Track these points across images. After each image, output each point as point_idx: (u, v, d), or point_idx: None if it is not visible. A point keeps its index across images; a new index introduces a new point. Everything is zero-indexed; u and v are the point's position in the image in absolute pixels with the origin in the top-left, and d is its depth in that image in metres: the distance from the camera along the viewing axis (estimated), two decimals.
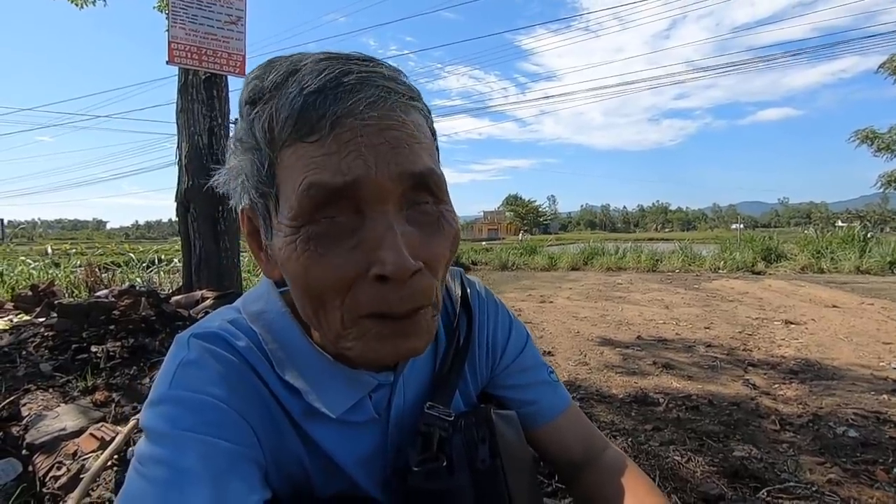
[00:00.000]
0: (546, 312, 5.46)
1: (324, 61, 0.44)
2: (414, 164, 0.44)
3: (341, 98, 0.42)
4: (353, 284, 0.43)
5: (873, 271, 9.22)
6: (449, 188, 0.49)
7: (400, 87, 0.45)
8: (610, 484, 0.62)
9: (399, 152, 0.43)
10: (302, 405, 0.52)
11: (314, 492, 0.55)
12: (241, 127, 0.47)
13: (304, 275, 0.44)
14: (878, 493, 1.63)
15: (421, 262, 0.44)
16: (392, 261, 0.41)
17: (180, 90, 3.79)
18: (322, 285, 0.44)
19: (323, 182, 0.41)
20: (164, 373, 0.48)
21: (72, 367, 2.46)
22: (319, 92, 0.42)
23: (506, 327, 0.70)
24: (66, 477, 1.57)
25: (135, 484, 0.42)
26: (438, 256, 0.47)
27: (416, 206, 0.46)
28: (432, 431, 0.55)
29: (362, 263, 0.43)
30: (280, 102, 0.43)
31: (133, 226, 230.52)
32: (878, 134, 16.39)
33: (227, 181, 0.50)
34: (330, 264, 0.43)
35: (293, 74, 0.43)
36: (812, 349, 3.66)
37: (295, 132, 0.42)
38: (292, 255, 0.44)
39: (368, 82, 0.43)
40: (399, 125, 0.44)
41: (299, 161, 0.43)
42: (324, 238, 0.43)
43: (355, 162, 0.41)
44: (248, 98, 0.46)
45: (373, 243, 0.43)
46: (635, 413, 2.39)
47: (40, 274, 6.54)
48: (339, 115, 0.41)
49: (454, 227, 0.49)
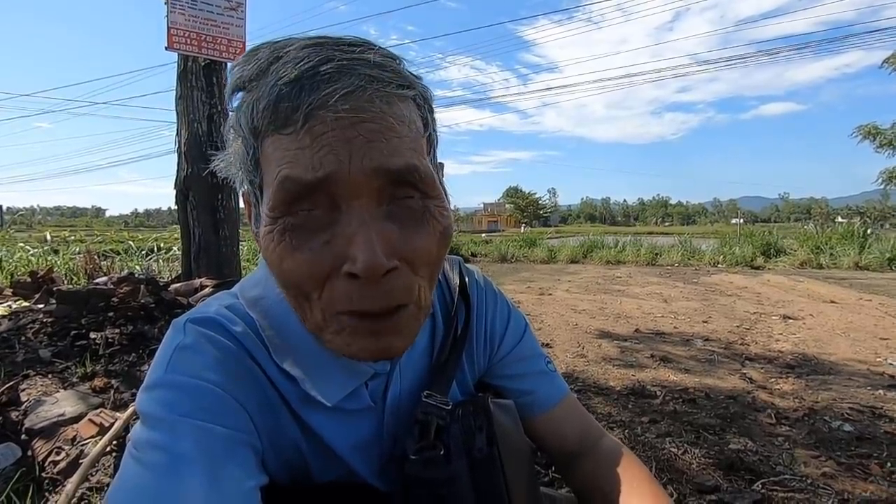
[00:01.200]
0: (545, 305, 5.47)
1: (307, 48, 0.42)
2: (390, 159, 0.42)
3: (316, 88, 0.40)
4: (328, 279, 0.43)
5: (872, 267, 9.23)
6: (449, 179, 0.48)
7: (386, 75, 0.43)
8: (606, 472, 0.62)
9: (374, 146, 0.41)
10: (299, 391, 0.52)
11: (312, 478, 0.55)
12: (232, 113, 0.47)
13: (279, 266, 0.44)
14: (871, 486, 1.64)
15: (400, 259, 0.43)
16: (363, 259, 0.40)
17: (179, 77, 3.76)
18: (296, 277, 0.43)
19: (296, 177, 0.41)
20: (161, 357, 0.48)
21: (71, 353, 2.47)
22: (296, 82, 0.40)
23: (504, 316, 0.70)
24: (65, 462, 1.58)
25: (130, 469, 0.41)
26: (421, 254, 0.45)
27: (398, 201, 0.44)
28: (429, 420, 0.55)
29: (336, 259, 0.42)
30: (260, 92, 0.42)
31: (132, 213, 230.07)
32: (880, 130, 16.32)
33: (227, 166, 0.50)
34: (303, 258, 0.42)
35: (275, 62, 0.42)
36: (809, 344, 3.67)
37: (272, 123, 0.41)
38: (269, 246, 0.44)
39: (349, 71, 0.41)
40: (377, 117, 0.41)
41: (276, 153, 0.42)
42: (299, 231, 0.43)
43: (327, 157, 0.40)
44: (233, 86, 0.45)
45: (345, 239, 0.42)
46: (632, 405, 2.40)
47: (39, 261, 6.53)
48: (314, 106, 0.40)
49: (442, 222, 0.47)
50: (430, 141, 0.49)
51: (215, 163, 0.51)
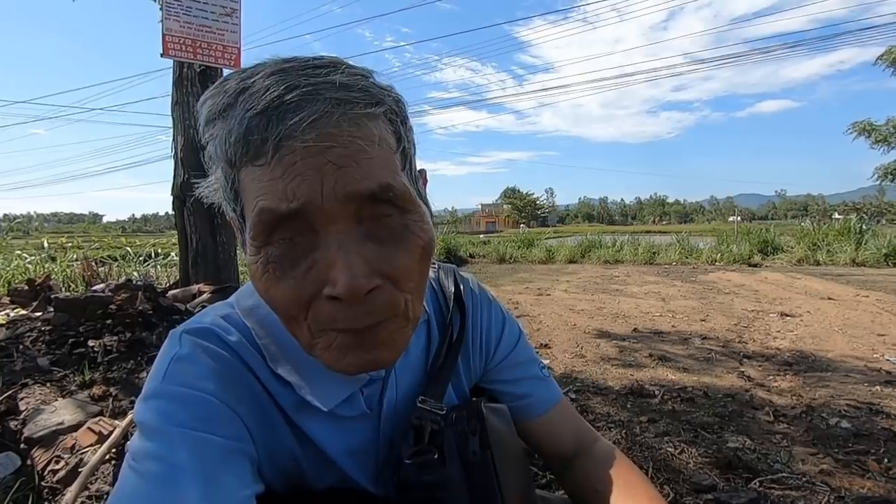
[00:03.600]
0: (543, 305, 5.48)
1: (273, 75, 0.42)
2: (362, 183, 0.42)
3: (283, 118, 0.40)
4: (313, 302, 0.44)
5: (869, 263, 9.26)
6: (446, 180, 0.48)
7: (353, 96, 0.42)
8: (600, 474, 0.63)
9: (345, 172, 0.41)
10: (294, 399, 0.53)
11: (308, 485, 0.56)
12: (209, 145, 0.47)
13: (266, 294, 0.45)
14: (869, 483, 1.65)
15: (381, 277, 0.44)
16: (342, 282, 0.41)
17: (175, 83, 3.76)
18: (283, 305, 0.45)
19: (271, 208, 0.41)
20: (157, 368, 0.49)
21: (69, 361, 2.46)
22: (262, 114, 0.40)
23: (499, 323, 0.71)
24: (64, 470, 1.58)
25: (128, 479, 0.42)
26: (403, 270, 0.45)
27: (377, 220, 0.44)
28: (424, 425, 0.56)
29: (317, 284, 0.43)
30: (230, 125, 0.42)
31: (130, 219, 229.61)
32: (875, 126, 16.38)
33: (212, 193, 0.50)
34: (286, 287, 0.43)
35: (242, 94, 0.42)
36: (807, 341, 3.68)
37: (244, 155, 0.42)
38: (255, 274, 0.45)
39: (314, 97, 0.41)
40: (346, 142, 0.41)
41: (251, 184, 0.43)
42: (282, 260, 0.44)
43: (300, 187, 0.40)
44: (206, 119, 0.45)
45: (325, 263, 0.42)
46: (631, 405, 2.41)
47: (36, 268, 6.51)
48: (281, 136, 0.40)
49: (423, 237, 0.47)
50: (405, 154, 0.48)
51: (201, 190, 0.51)
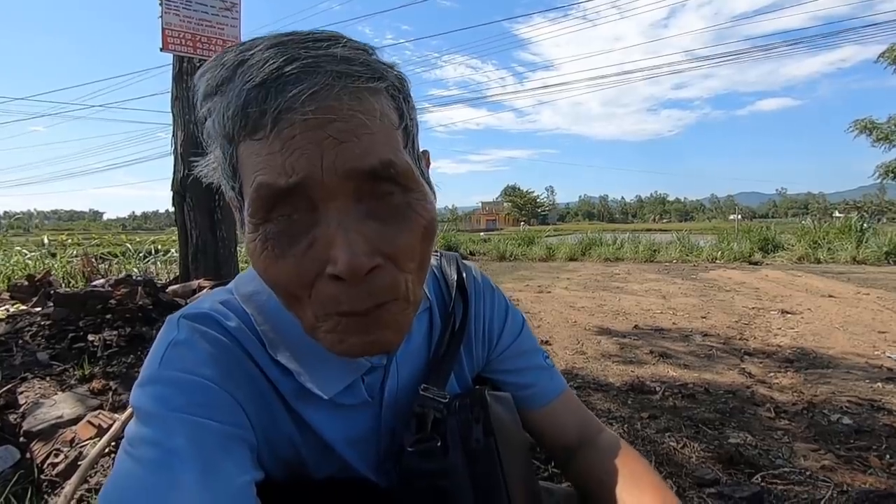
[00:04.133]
0: (544, 302, 5.47)
1: (272, 48, 0.41)
2: (363, 158, 0.40)
3: (282, 91, 0.39)
4: (315, 281, 0.42)
5: (870, 262, 9.25)
6: (446, 178, 0.47)
7: (355, 70, 0.41)
8: (605, 464, 0.62)
9: (345, 147, 0.40)
10: (293, 386, 0.52)
11: (308, 473, 0.55)
12: (207, 121, 0.45)
13: (265, 273, 0.44)
14: (870, 478, 1.64)
15: (382, 256, 0.42)
16: (343, 260, 0.39)
17: (175, 78, 3.75)
18: (283, 283, 0.43)
19: (270, 182, 0.40)
20: (154, 353, 0.48)
21: (68, 355, 2.46)
22: (261, 86, 0.39)
23: (502, 312, 0.70)
24: (63, 464, 1.58)
25: (124, 464, 0.41)
26: (405, 249, 0.44)
27: (378, 198, 0.43)
28: (426, 413, 0.55)
29: (318, 263, 0.41)
30: (228, 97, 0.41)
31: (130, 216, 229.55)
32: (876, 124, 16.34)
33: (211, 172, 0.49)
34: (286, 265, 0.42)
35: (240, 66, 0.41)
36: (808, 338, 3.68)
37: (242, 129, 0.40)
38: (254, 253, 0.43)
39: (314, 69, 0.39)
40: (347, 115, 0.40)
41: (250, 158, 0.41)
42: (280, 237, 0.42)
43: (299, 161, 0.39)
44: (203, 94, 0.44)
45: (325, 242, 0.41)
46: (632, 401, 2.40)
47: (36, 264, 6.51)
48: (280, 109, 0.39)
49: (425, 216, 0.45)
50: (407, 132, 0.47)
51: (199, 168, 0.50)
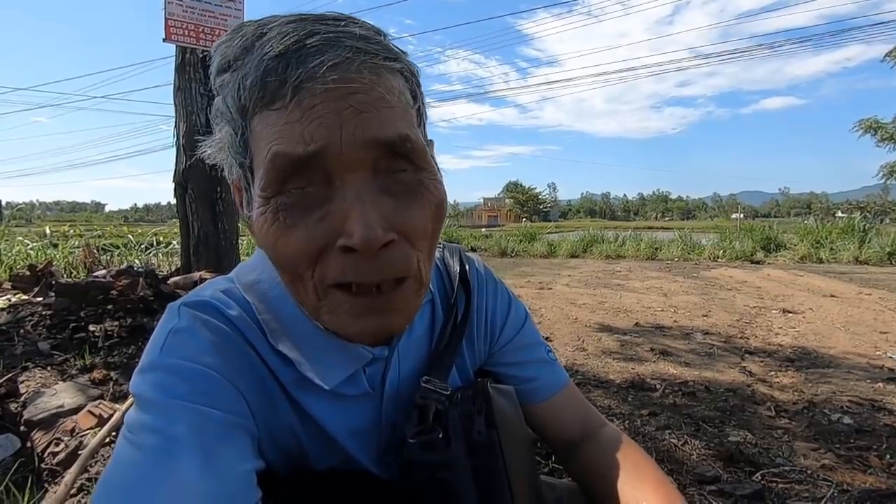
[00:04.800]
0: (545, 299, 5.47)
1: (291, 23, 0.41)
2: (382, 130, 0.41)
3: (304, 62, 0.39)
4: (322, 255, 0.42)
5: (872, 262, 9.22)
6: (448, 174, 0.47)
7: (372, 47, 0.42)
8: (608, 458, 0.61)
9: (365, 117, 0.40)
10: (295, 375, 0.52)
11: (310, 464, 0.55)
12: (217, 97, 0.46)
13: (274, 246, 0.43)
14: (870, 478, 1.64)
15: (396, 232, 0.42)
16: (359, 233, 0.40)
17: (177, 69, 3.73)
18: (291, 256, 0.43)
19: (287, 152, 0.40)
20: (155, 340, 0.48)
21: (70, 345, 2.46)
22: (281, 56, 0.40)
23: (505, 305, 0.69)
24: (64, 453, 1.58)
25: (124, 451, 0.41)
26: (417, 226, 0.44)
27: (392, 174, 0.43)
28: (428, 404, 0.55)
29: (330, 234, 0.41)
30: (246, 69, 0.41)
31: (132, 208, 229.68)
32: (881, 124, 16.26)
33: (216, 152, 0.49)
34: (297, 235, 0.42)
35: (259, 38, 0.41)
36: (809, 338, 3.67)
37: (260, 99, 0.41)
38: (263, 226, 0.43)
39: (335, 43, 0.40)
40: (367, 87, 0.41)
41: (265, 130, 0.41)
42: (293, 209, 0.42)
43: (318, 130, 0.39)
44: (219, 67, 0.44)
45: (340, 214, 0.41)
46: (632, 398, 2.40)
47: (38, 254, 6.51)
48: (301, 79, 0.39)
49: (437, 195, 0.46)
50: (420, 114, 0.48)
51: (202, 149, 0.49)
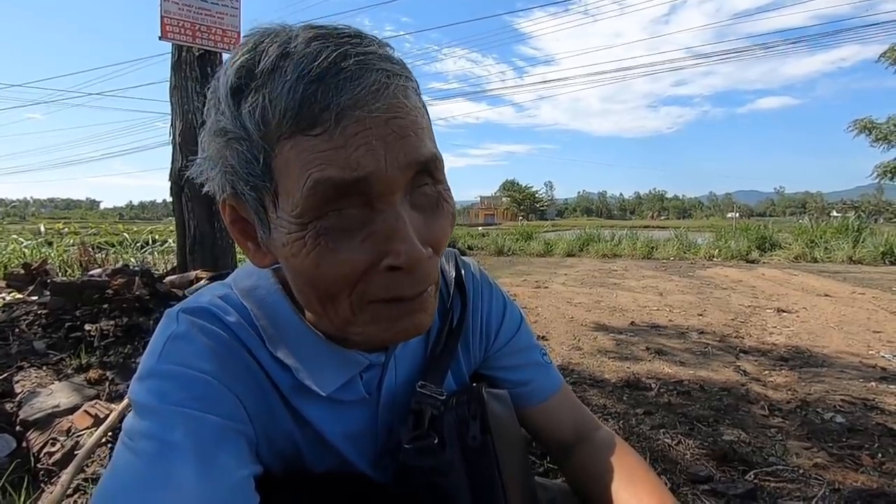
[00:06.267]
0: (541, 298, 5.48)
1: (315, 41, 0.40)
2: (420, 151, 0.43)
3: (343, 87, 0.39)
4: (364, 275, 0.43)
5: (866, 261, 9.29)
6: (447, 173, 0.49)
7: (396, 69, 0.43)
8: (601, 461, 0.62)
9: (407, 142, 0.42)
10: (292, 381, 0.52)
11: (306, 468, 0.55)
12: (225, 115, 0.43)
13: (314, 269, 0.43)
14: (862, 477, 1.66)
15: (427, 246, 0.44)
16: (406, 252, 0.42)
17: (174, 67, 3.72)
18: (333, 279, 0.43)
19: (331, 178, 0.40)
20: (153, 347, 0.48)
21: (65, 345, 2.46)
22: (320, 80, 0.39)
23: (500, 309, 0.70)
24: (60, 453, 1.58)
25: (122, 457, 0.42)
26: (441, 237, 0.47)
27: (417, 190, 0.45)
28: (424, 409, 0.55)
29: (374, 255, 0.43)
30: (275, 91, 0.39)
31: (127, 206, 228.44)
32: (876, 124, 16.35)
33: (203, 170, 0.48)
34: (341, 258, 0.42)
35: (284, 59, 0.40)
36: (803, 337, 3.69)
37: (295, 125, 0.39)
38: (300, 252, 0.43)
39: (367, 66, 0.41)
40: (404, 113, 0.42)
41: (301, 155, 0.40)
42: (334, 232, 0.42)
43: (365, 157, 0.40)
44: (235, 84, 0.42)
45: (384, 235, 0.42)
46: (627, 397, 2.41)
47: (32, 252, 6.48)
48: (345, 106, 0.39)
49: (452, 205, 0.49)
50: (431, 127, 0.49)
51: (194, 169, 0.49)
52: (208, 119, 0.46)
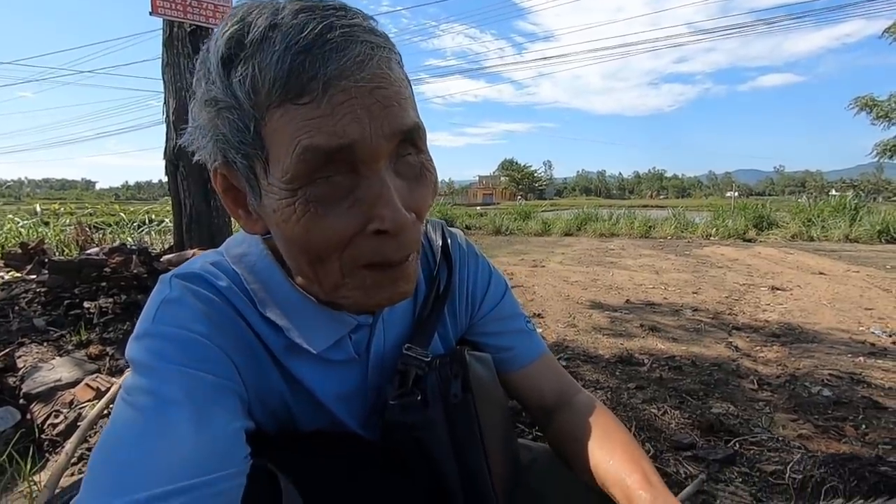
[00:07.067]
0: (538, 276, 5.52)
1: (302, 14, 0.42)
2: (404, 121, 0.45)
3: (329, 57, 0.41)
4: (352, 240, 0.46)
5: (862, 240, 9.33)
6: (444, 151, 0.51)
7: (379, 41, 0.45)
8: (580, 423, 0.65)
9: (390, 111, 0.44)
10: (283, 341, 0.54)
11: (298, 427, 0.58)
12: (215, 84, 0.44)
13: (305, 234, 0.45)
14: (845, 446, 1.71)
15: (410, 212, 0.46)
16: (391, 217, 0.44)
17: (165, 44, 3.67)
18: (323, 243, 0.46)
19: (318, 145, 0.42)
20: (148, 310, 0.50)
21: (65, 322, 2.49)
22: (307, 51, 0.40)
23: (485, 277, 0.72)
24: (63, 424, 1.62)
25: (122, 412, 0.44)
26: (423, 205, 0.49)
27: (401, 158, 0.47)
28: (409, 370, 0.58)
29: (361, 220, 0.45)
30: (264, 62, 0.41)
31: (123, 186, 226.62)
32: (877, 102, 16.19)
33: (194, 139, 0.49)
34: (330, 223, 0.45)
35: (273, 29, 0.41)
36: (795, 314, 3.74)
37: (284, 94, 0.41)
38: (291, 217, 0.45)
39: (352, 38, 0.42)
40: (387, 83, 0.44)
41: (290, 123, 0.42)
42: (322, 199, 0.44)
43: (351, 125, 0.42)
44: (225, 54, 0.43)
45: (370, 201, 0.45)
46: (620, 372, 2.46)
47: (29, 232, 6.48)
48: (331, 76, 0.41)
49: (434, 174, 0.51)
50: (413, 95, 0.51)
51: (185, 138, 0.50)
52: (198, 89, 0.47)
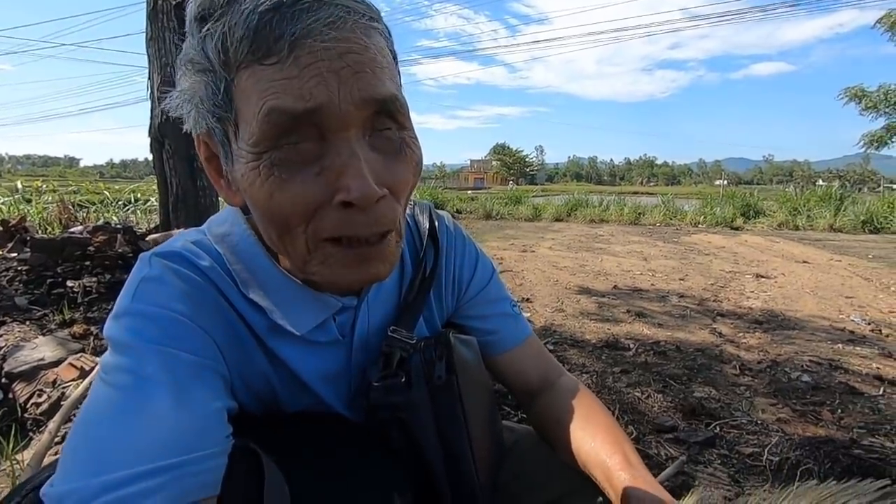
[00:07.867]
0: (527, 261, 5.54)
1: None
2: (377, 89, 0.43)
3: (299, 17, 0.40)
4: (317, 210, 0.44)
5: (846, 230, 9.48)
6: (436, 134, 0.49)
7: (359, 7, 0.43)
8: (562, 405, 0.66)
9: (361, 77, 0.42)
10: (266, 322, 0.54)
11: (282, 408, 0.58)
12: (192, 46, 0.44)
13: (268, 200, 0.44)
14: (821, 430, 1.75)
15: (385, 188, 0.45)
16: (357, 188, 0.42)
17: (149, 16, 3.56)
18: (286, 211, 0.44)
19: (284, 107, 0.40)
20: (127, 288, 0.49)
21: (48, 301, 2.45)
22: (275, 10, 0.39)
23: (472, 261, 0.72)
24: (46, 403, 1.61)
25: (100, 390, 0.43)
26: (401, 183, 0.47)
27: (378, 133, 0.46)
28: (393, 352, 0.58)
29: (326, 190, 0.43)
30: (233, 20, 0.40)
31: (108, 164, 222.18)
32: (866, 92, 16.30)
33: (179, 105, 0.48)
34: (294, 190, 0.43)
35: None
36: (778, 301, 3.81)
37: (251, 53, 0.40)
38: (255, 181, 0.43)
39: (325, 1, 0.41)
40: (361, 48, 0.42)
41: (257, 84, 0.41)
42: (287, 164, 0.43)
43: (317, 88, 0.40)
44: (198, 14, 0.43)
45: (337, 170, 0.43)
46: (605, 357, 2.49)
47: (10, 209, 6.35)
48: (298, 36, 0.39)
49: (417, 153, 0.49)
50: (399, 73, 0.49)
51: (167, 102, 0.49)
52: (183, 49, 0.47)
